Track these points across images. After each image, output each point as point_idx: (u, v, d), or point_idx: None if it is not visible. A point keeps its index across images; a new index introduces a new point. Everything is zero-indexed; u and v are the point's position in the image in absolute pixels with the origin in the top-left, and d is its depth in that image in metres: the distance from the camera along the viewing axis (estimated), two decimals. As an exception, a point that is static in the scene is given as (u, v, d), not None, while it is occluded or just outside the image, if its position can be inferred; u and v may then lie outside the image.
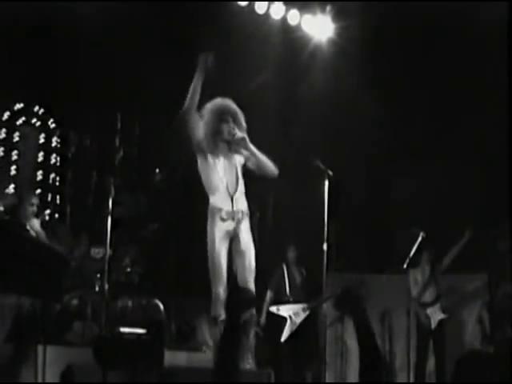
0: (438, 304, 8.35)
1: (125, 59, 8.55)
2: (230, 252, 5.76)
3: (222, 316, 5.61)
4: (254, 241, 5.85)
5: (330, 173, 6.24)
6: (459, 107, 9.00)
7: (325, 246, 5.99)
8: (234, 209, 5.74)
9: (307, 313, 8.45)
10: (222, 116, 5.85)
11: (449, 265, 8.17)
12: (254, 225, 9.82)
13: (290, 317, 8.45)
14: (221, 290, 5.66)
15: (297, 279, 8.71)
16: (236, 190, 5.79)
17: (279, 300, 8.54)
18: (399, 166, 9.37)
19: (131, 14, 8.44)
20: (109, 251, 6.88)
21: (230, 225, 5.73)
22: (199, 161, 5.84)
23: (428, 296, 8.37)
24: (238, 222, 5.75)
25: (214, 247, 5.68)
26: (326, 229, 6.03)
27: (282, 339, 8.39)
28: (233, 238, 5.76)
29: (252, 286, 5.77)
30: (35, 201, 6.52)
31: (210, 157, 5.81)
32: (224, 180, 5.77)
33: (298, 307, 8.46)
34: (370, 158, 9.49)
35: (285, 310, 8.48)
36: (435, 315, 8.31)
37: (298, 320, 8.44)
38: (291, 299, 8.54)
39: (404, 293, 7.69)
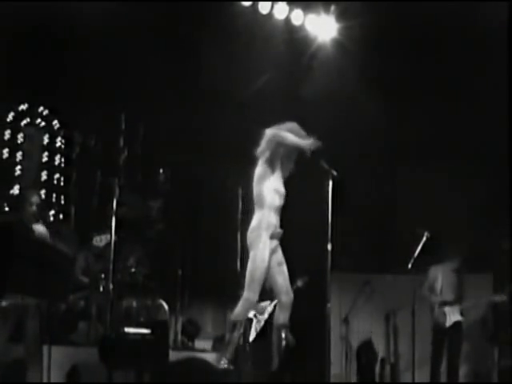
0: (458, 305, 8.31)
1: (129, 59, 8.56)
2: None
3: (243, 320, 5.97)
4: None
5: (335, 173, 6.24)
6: (461, 107, 9.00)
7: (329, 246, 6.00)
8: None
9: (271, 311, 8.54)
10: None
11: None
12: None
13: (255, 316, 8.55)
14: (254, 298, 5.99)
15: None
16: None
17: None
18: (403, 165, 9.38)
19: (134, 14, 8.44)
20: (113, 238, 6.91)
21: (276, 241, 6.05)
22: (262, 173, 6.01)
23: (449, 295, 8.34)
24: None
25: (264, 258, 5.92)
26: (329, 229, 6.03)
27: (250, 339, 8.49)
28: (273, 251, 6.03)
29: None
30: (36, 200, 6.43)
31: (279, 175, 6.07)
32: (283, 200, 6.02)
33: (262, 306, 8.55)
34: (375, 157, 9.48)
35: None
36: (452, 316, 8.27)
37: (263, 318, 8.54)
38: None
39: (409, 293, 7.67)
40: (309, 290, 8.71)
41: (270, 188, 5.99)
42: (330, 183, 6.15)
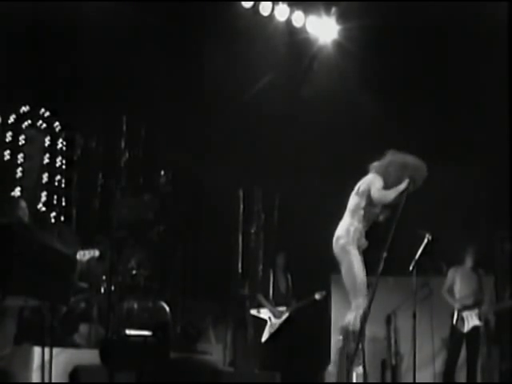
0: (477, 310, 8.32)
1: (130, 61, 8.56)
2: None
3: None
4: None
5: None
6: (461, 107, 9.01)
7: (384, 254, 6.02)
8: None
9: (286, 315, 8.61)
10: None
11: None
12: (259, 227, 9.98)
13: (270, 319, 8.63)
14: (363, 303, 6.08)
15: (282, 284, 8.87)
16: None
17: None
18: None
19: (137, 15, 8.44)
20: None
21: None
22: (366, 188, 6.29)
23: (468, 299, 8.35)
24: None
25: (360, 264, 6.20)
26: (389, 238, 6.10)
27: (263, 340, 8.57)
28: None
29: None
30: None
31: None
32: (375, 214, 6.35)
33: (277, 310, 8.62)
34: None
35: (265, 313, 8.64)
36: (471, 320, 8.28)
37: (278, 322, 8.60)
38: (273, 302, 8.72)
39: (410, 295, 7.66)
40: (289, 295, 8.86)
41: (367, 202, 6.22)
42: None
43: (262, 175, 9.68)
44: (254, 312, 8.75)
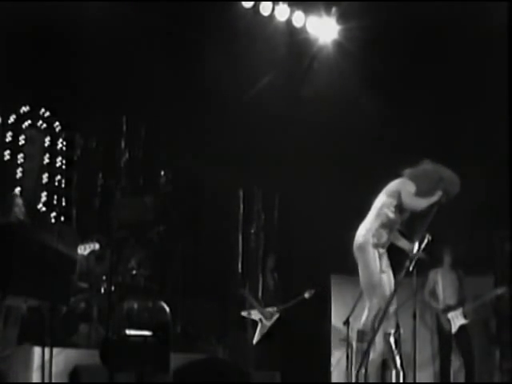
0: (461, 309, 8.33)
1: (131, 62, 8.57)
2: None
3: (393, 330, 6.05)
4: None
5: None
6: (461, 107, 9.01)
7: (407, 263, 6.00)
8: None
9: (277, 316, 8.62)
10: None
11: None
12: (259, 228, 9.99)
13: (261, 320, 8.63)
14: (379, 304, 6.02)
15: (270, 284, 8.89)
16: None
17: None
18: (403, 166, 9.37)
19: (137, 15, 8.45)
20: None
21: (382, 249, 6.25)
22: (394, 191, 6.25)
23: (450, 299, 8.36)
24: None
25: (376, 264, 6.13)
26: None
27: (254, 341, 8.58)
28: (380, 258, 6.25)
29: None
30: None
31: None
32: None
33: (267, 311, 8.63)
34: (375, 158, 9.49)
35: (255, 314, 8.65)
36: (456, 320, 8.29)
37: (269, 323, 8.61)
38: (263, 303, 8.74)
39: (410, 295, 7.67)
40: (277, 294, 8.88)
41: (396, 203, 6.14)
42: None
43: (262, 175, 9.69)
44: (244, 313, 8.76)
